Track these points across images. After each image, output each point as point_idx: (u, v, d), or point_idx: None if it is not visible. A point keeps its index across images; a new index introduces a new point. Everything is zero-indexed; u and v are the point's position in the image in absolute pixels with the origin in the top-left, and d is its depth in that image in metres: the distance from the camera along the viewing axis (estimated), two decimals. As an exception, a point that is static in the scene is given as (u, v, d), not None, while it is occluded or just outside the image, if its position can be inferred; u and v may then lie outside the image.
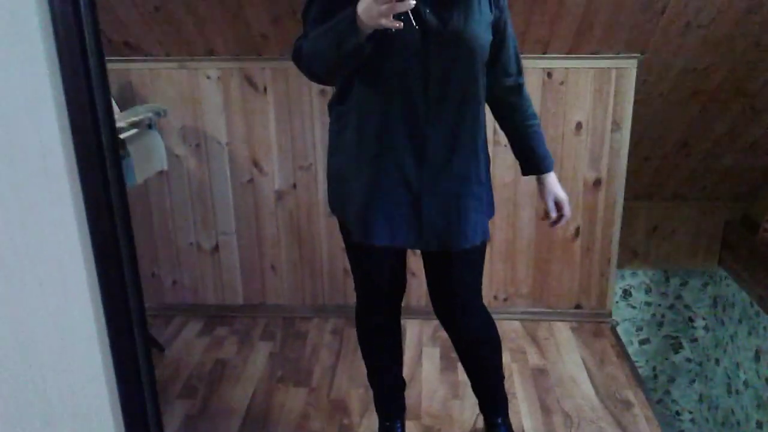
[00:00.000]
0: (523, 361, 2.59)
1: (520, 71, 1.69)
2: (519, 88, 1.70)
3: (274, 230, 2.85)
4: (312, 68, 1.46)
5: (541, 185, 1.77)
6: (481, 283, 1.78)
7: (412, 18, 1.27)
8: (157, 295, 2.96)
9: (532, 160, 1.75)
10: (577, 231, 2.78)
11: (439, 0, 1.42)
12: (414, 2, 1.22)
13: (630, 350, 3.71)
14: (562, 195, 1.75)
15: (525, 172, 1.80)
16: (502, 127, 1.76)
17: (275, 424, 2.23)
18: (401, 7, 1.20)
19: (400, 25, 1.25)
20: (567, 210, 1.75)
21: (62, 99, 0.86)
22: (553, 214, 1.75)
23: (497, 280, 2.86)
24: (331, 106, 1.66)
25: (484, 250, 1.74)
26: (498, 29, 1.57)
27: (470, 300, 1.77)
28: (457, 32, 1.46)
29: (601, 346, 2.71)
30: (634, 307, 3.83)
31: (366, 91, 1.52)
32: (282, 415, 2.27)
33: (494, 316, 1.85)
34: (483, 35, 1.52)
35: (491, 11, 1.54)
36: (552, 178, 1.76)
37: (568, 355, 2.64)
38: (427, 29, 1.44)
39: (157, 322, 2.90)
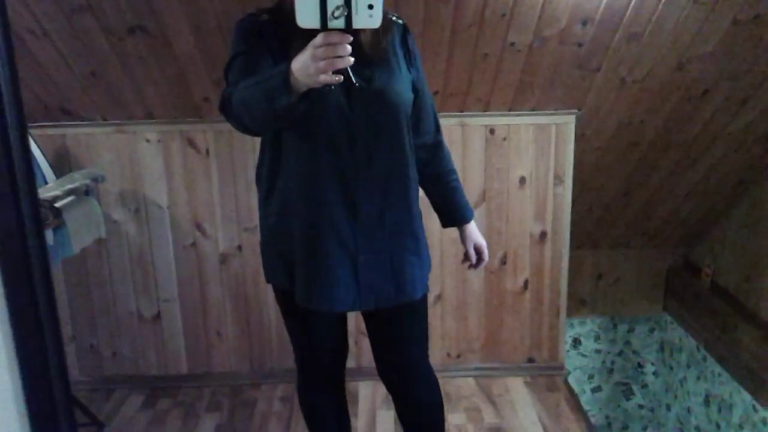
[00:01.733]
0: (479, 420, 2.54)
1: (438, 128, 1.71)
2: (439, 144, 1.71)
3: (219, 294, 2.76)
4: (242, 121, 1.39)
5: (462, 233, 1.80)
6: (426, 342, 1.74)
7: (351, 74, 1.25)
8: (95, 368, 2.80)
9: (455, 213, 1.79)
10: (526, 284, 2.78)
11: (360, 60, 1.40)
12: (352, 59, 1.20)
13: (583, 399, 3.71)
14: (481, 240, 1.80)
15: (446, 224, 1.82)
16: (421, 183, 1.74)
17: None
18: (340, 64, 1.18)
19: (339, 79, 1.22)
20: (485, 254, 1.81)
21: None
22: (473, 260, 1.80)
23: (449, 338, 2.82)
24: (259, 174, 1.63)
25: (426, 307, 1.71)
26: (416, 88, 1.59)
27: (416, 359, 1.73)
28: (381, 90, 1.47)
29: (555, 399, 2.69)
30: (584, 355, 3.84)
31: (293, 152, 1.49)
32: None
33: (448, 374, 1.82)
34: (406, 92, 1.53)
35: (409, 71, 1.56)
36: (472, 226, 1.80)
37: (523, 411, 2.60)
38: (352, 88, 1.43)
39: (96, 396, 2.74)
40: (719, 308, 3.23)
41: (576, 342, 3.82)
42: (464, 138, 2.62)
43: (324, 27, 1.13)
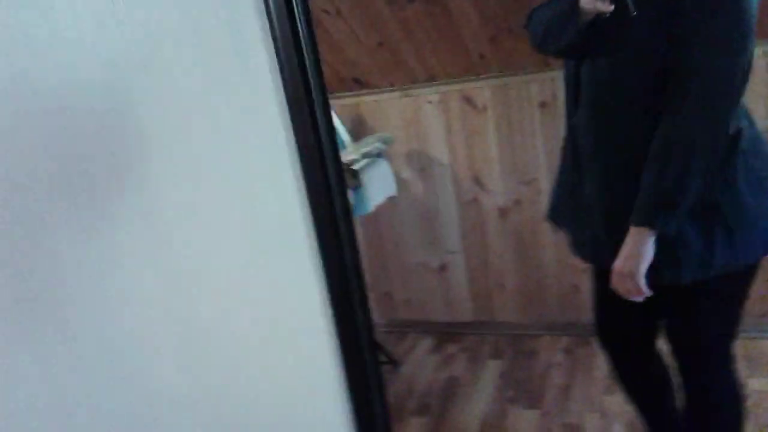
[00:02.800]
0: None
1: None
2: None
3: (500, 247, 2.84)
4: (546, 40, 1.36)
5: None
6: None
7: (629, 1, 1.09)
8: (390, 312, 3.11)
9: None
10: None
11: None
12: None
13: None
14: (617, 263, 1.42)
15: None
16: None
17: (508, 445, 2.21)
18: None
19: (607, 7, 1.10)
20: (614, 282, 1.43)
21: (293, 141, 0.95)
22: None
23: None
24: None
25: None
26: None
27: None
28: None
29: None
30: None
31: None
32: (514, 437, 2.24)
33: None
34: None
35: None
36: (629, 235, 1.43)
37: None
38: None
39: (391, 338, 3.05)
40: None
41: None
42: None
43: None
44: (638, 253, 1.28)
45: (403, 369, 2.79)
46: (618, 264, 1.32)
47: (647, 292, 1.31)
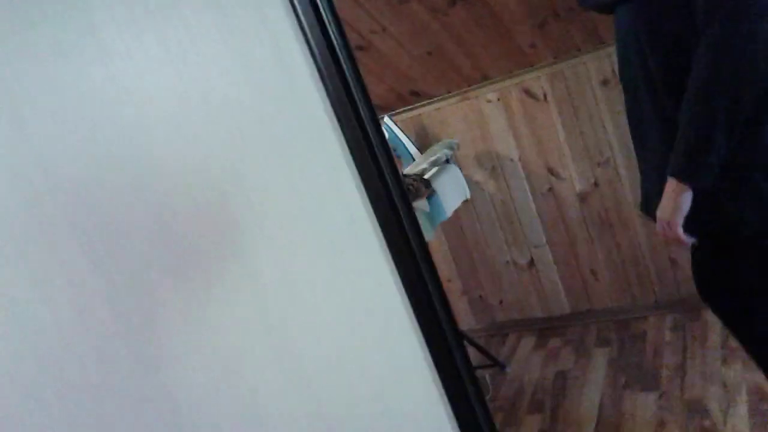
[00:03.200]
0: None
1: None
2: None
3: (586, 233, 2.78)
4: None
5: None
6: None
7: None
8: (487, 316, 3.10)
9: None
10: None
11: None
12: None
13: None
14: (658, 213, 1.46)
15: None
16: None
17: (629, 432, 2.15)
18: None
19: None
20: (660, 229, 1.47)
21: (354, 168, 1.00)
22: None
23: None
24: None
25: None
26: None
27: None
28: None
29: None
30: None
31: None
32: (635, 423, 2.18)
33: None
34: None
35: None
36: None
37: None
38: None
39: (494, 341, 3.03)
40: None
41: None
42: None
43: None
44: (672, 203, 1.31)
45: (510, 370, 2.76)
46: (657, 213, 1.37)
47: (687, 241, 1.36)
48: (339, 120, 0.96)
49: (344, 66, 0.94)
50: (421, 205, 2.34)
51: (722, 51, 1.18)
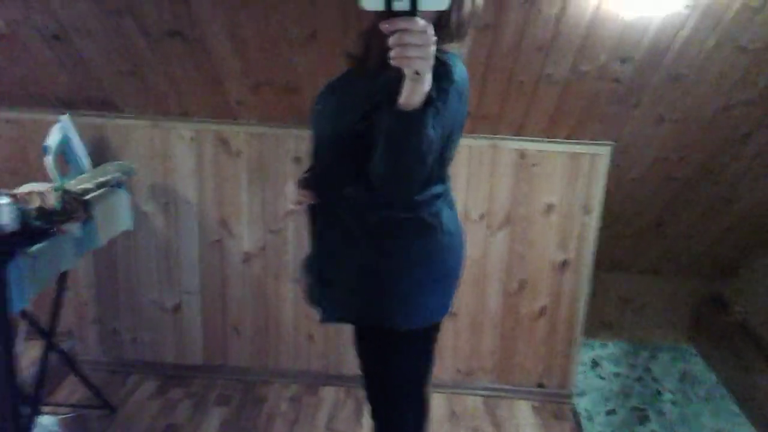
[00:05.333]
0: (482, 442, 2.55)
1: None
2: None
3: (240, 292, 2.81)
4: None
5: None
6: None
7: None
8: (116, 351, 2.90)
9: None
10: (543, 310, 2.76)
11: None
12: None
13: (596, 420, 3.68)
14: None
15: None
16: None
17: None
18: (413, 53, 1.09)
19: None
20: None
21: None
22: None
23: (462, 354, 2.83)
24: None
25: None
26: None
27: None
28: None
29: (560, 428, 2.68)
30: (602, 378, 3.80)
31: None
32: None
33: (456, 391, 1.80)
34: None
35: None
36: None
37: (528, 438, 2.60)
38: None
39: (115, 379, 2.84)
40: (745, 349, 3.15)
41: (595, 364, 3.78)
42: (494, 160, 2.59)
43: (388, 8, 1.02)
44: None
45: (120, 414, 2.60)
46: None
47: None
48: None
49: None
50: (72, 228, 2.11)
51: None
